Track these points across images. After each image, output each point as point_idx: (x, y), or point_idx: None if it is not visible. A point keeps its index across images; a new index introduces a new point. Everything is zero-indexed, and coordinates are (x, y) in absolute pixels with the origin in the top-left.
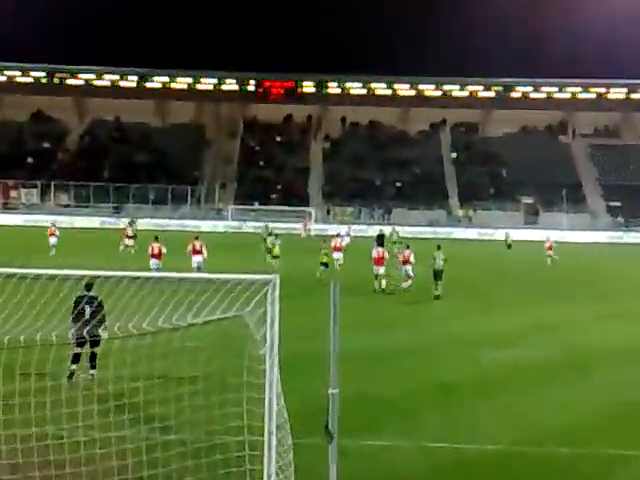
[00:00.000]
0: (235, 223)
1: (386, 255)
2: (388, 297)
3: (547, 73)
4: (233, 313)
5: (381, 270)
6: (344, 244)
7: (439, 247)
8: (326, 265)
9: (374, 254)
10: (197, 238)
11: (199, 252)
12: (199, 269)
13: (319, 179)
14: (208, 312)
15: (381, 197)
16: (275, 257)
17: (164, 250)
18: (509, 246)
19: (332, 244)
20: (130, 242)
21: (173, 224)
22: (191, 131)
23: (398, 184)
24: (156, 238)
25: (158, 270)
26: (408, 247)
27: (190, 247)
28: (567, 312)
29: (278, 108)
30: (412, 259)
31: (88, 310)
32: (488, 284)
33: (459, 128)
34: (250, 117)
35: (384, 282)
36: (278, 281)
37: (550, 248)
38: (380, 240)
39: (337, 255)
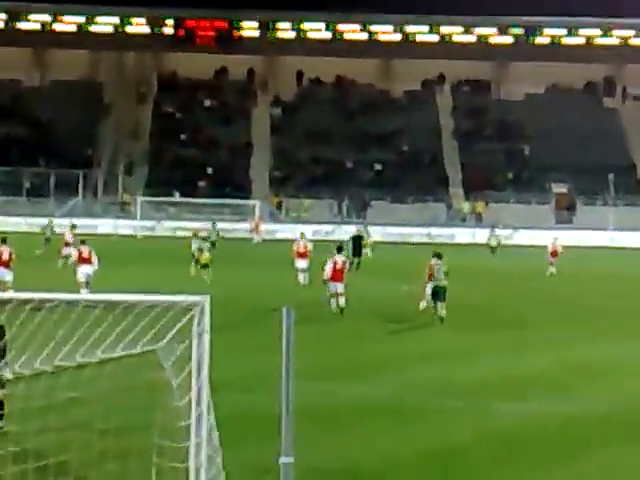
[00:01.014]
0: (146, 223)
1: (346, 267)
2: (369, 325)
3: (587, 9)
4: (142, 348)
5: (340, 287)
6: (310, 248)
7: (439, 255)
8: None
9: (329, 266)
10: (83, 242)
11: (86, 260)
12: (87, 284)
13: (266, 160)
14: (107, 347)
15: (353, 185)
16: (204, 266)
17: (94, 257)
18: (493, 249)
19: (294, 248)
20: (68, 251)
21: (57, 224)
22: (82, 92)
23: (378, 167)
24: (82, 242)
25: (88, 280)
26: (438, 256)
27: (75, 254)
28: (614, 350)
29: (207, 59)
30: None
31: None
32: (504, 307)
33: (463, 87)
34: (167, 72)
35: (342, 300)
36: (208, 304)
37: (554, 254)
38: (354, 245)
39: (301, 264)
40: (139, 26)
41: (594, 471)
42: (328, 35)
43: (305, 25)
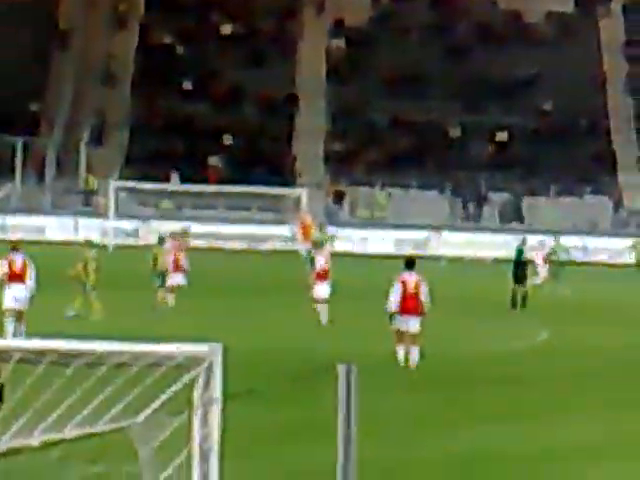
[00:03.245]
0: (125, 224)
1: (424, 290)
2: (475, 398)
3: None
4: (108, 425)
5: (412, 324)
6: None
7: None
8: None
9: (395, 290)
10: (16, 249)
11: (19, 277)
12: (20, 315)
13: (319, 123)
14: (52, 423)
15: (462, 165)
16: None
17: (31, 271)
18: (556, 266)
19: (316, 266)
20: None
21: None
22: (26, 12)
23: (501, 136)
24: (15, 249)
25: (22, 309)
26: None
27: (4, 268)
28: None
29: None
30: None
31: None
32: None
33: None
34: None
35: (415, 353)
36: (220, 358)
37: None
38: (517, 266)
39: (320, 290)
40: None
41: None
42: None
43: None
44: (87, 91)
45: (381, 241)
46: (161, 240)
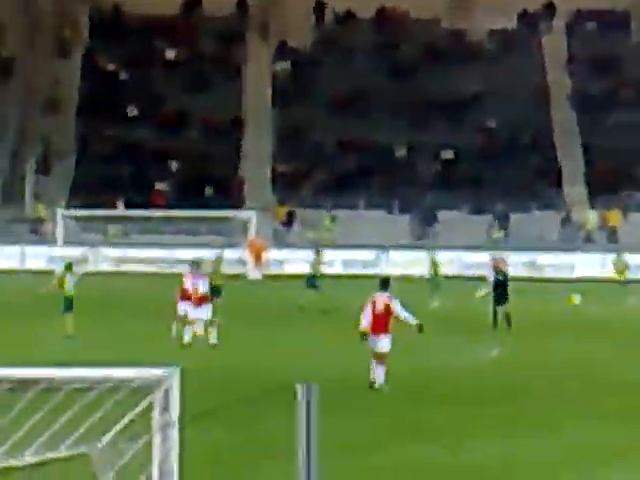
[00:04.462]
0: (72, 251)
1: (396, 307)
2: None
3: None
4: (68, 450)
5: (382, 343)
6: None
7: None
8: None
9: (367, 310)
10: None
11: None
12: None
13: (265, 146)
14: (14, 449)
15: (408, 184)
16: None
17: None
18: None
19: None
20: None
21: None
22: None
23: (447, 154)
24: None
25: None
26: None
27: None
28: None
29: None
30: None
31: None
32: None
33: (586, 24)
34: (106, 6)
35: (380, 372)
36: (178, 381)
37: None
38: (497, 287)
39: (196, 313)
40: None
41: None
42: None
43: None
44: (32, 119)
45: (330, 262)
46: (68, 266)
